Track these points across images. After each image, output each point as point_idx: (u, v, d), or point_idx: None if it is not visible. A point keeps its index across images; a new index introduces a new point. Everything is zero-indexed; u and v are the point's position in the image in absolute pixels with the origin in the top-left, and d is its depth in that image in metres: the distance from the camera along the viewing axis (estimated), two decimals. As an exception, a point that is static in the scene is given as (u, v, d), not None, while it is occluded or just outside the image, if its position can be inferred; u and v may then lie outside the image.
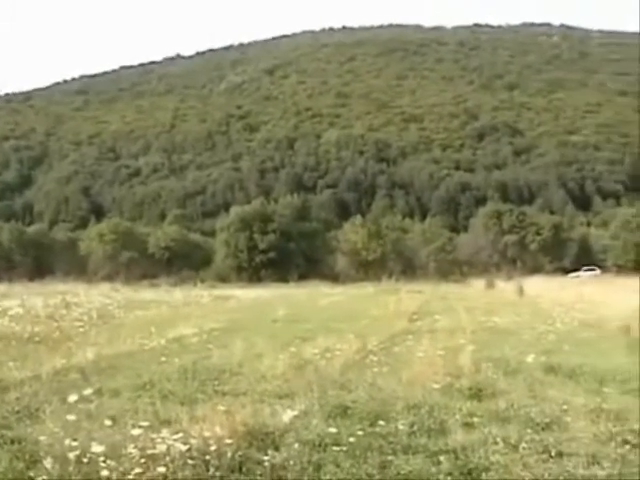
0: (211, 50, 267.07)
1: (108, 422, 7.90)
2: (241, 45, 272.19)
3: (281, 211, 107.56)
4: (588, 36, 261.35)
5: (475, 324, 20.60)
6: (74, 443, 6.77)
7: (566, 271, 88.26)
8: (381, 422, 8.24)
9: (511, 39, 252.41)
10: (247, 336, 17.34)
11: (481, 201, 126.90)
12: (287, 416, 8.34)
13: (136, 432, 7.13)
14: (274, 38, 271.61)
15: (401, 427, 7.98)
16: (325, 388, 10.29)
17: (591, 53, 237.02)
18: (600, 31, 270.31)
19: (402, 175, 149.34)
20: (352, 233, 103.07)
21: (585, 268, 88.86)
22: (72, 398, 8.49)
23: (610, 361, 12.85)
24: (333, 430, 7.78)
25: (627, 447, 7.28)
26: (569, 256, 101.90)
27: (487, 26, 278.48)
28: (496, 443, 7.41)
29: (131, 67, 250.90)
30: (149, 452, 6.64)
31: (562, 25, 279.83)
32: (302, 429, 7.93)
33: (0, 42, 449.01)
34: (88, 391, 9.26)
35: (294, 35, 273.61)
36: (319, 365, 12.48)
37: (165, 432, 7.29)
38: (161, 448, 6.68)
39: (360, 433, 7.73)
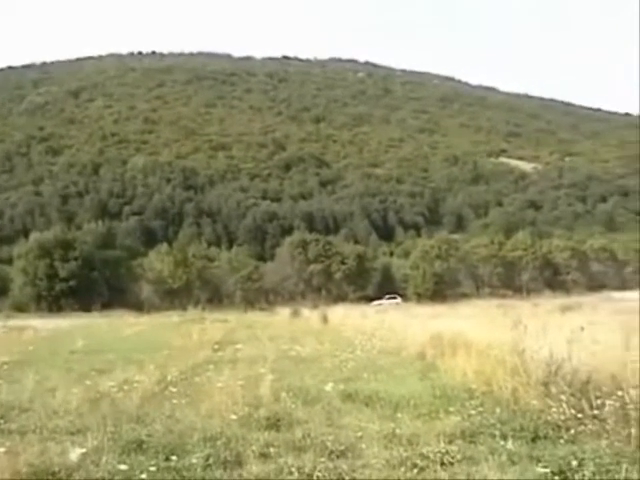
0: (10, 67, 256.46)
1: None
2: (44, 64, 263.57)
3: (84, 238, 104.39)
4: (391, 74, 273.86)
5: (278, 353, 20.67)
6: None
7: (369, 299, 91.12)
8: (175, 456, 8.02)
9: (319, 73, 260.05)
10: (41, 369, 16.53)
11: (287, 230, 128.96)
12: (76, 454, 7.95)
13: None
14: (79, 59, 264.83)
15: (196, 460, 7.80)
16: (120, 422, 9.91)
17: (394, 91, 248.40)
18: (403, 70, 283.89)
19: (209, 203, 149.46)
20: (158, 261, 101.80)
21: (387, 296, 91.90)
22: None
23: (405, 387, 13.20)
24: (124, 467, 7.50)
25: (415, 471, 7.49)
26: (372, 285, 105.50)
27: (296, 59, 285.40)
28: (291, 473, 7.40)
29: None
30: None
31: (367, 62, 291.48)
32: (92, 467, 7.59)
33: None
34: None
35: (100, 57, 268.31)
36: (116, 398, 12.04)
37: None
38: None
39: (153, 469, 7.50)
